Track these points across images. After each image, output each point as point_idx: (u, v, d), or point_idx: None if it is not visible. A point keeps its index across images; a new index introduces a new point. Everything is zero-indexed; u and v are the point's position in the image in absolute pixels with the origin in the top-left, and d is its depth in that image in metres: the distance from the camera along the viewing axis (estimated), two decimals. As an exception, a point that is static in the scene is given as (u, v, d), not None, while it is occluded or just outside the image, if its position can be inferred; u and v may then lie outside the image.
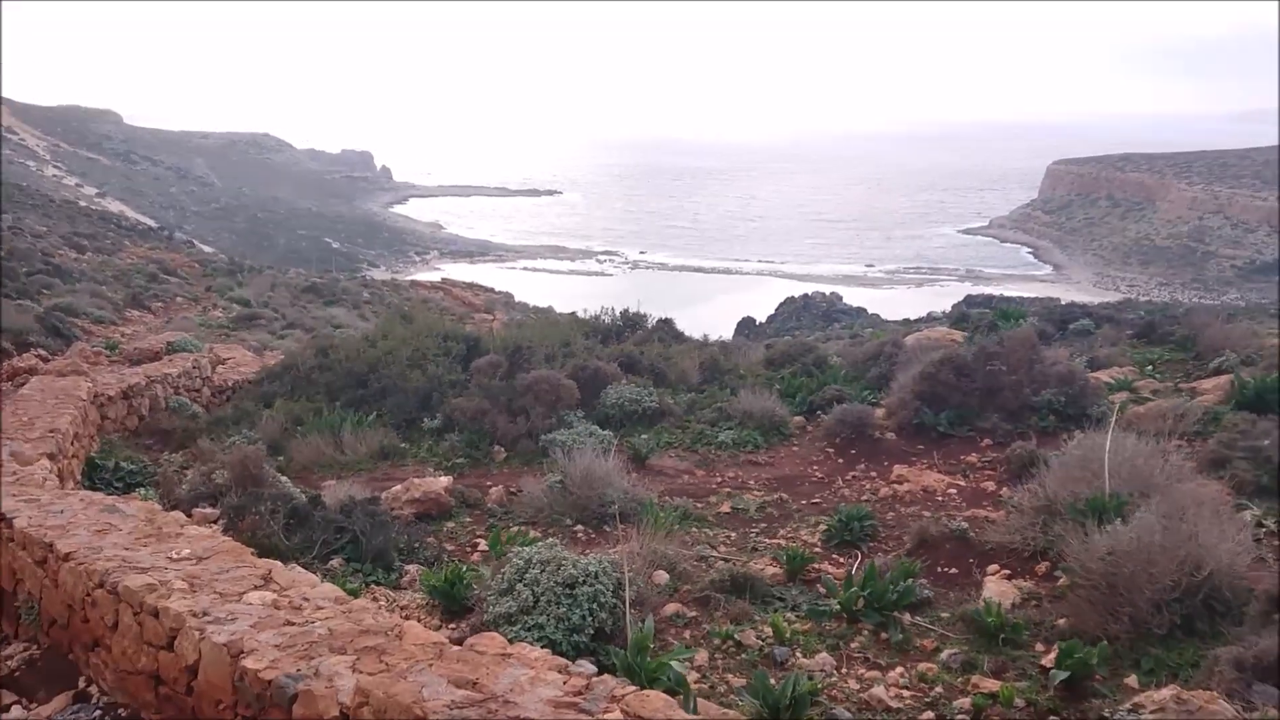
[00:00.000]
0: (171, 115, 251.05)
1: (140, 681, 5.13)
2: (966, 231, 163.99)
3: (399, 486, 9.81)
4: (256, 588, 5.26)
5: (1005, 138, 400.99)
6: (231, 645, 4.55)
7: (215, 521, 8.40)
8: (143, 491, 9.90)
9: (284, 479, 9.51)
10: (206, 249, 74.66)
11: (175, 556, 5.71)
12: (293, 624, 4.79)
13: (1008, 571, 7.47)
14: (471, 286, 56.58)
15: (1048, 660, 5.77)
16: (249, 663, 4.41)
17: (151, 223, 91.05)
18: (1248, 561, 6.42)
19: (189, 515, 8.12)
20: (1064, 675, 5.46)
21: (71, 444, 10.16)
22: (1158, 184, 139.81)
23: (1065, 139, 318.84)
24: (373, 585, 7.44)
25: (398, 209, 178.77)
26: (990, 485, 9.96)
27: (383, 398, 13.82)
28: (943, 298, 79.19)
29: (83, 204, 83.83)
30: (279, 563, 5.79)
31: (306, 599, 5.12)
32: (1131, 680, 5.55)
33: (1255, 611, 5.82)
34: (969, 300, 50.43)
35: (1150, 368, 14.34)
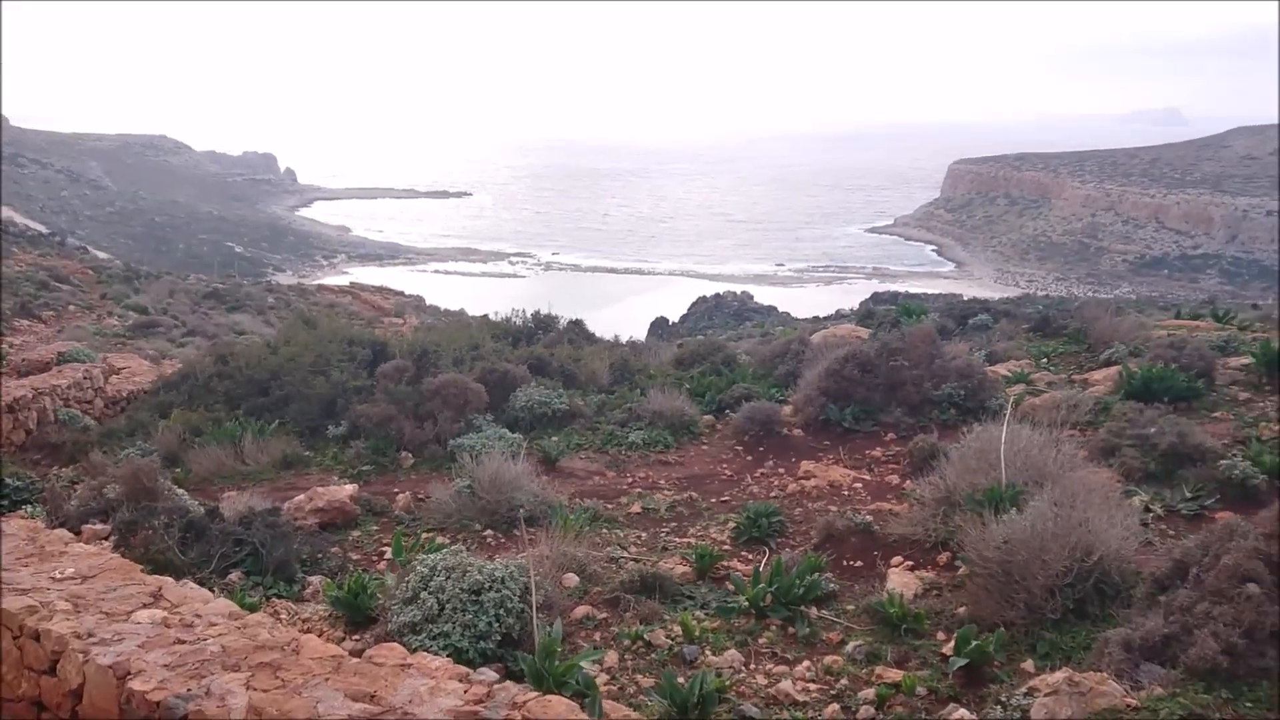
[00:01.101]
0: (62, 116, 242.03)
1: (21, 709, 4.90)
2: (872, 230, 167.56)
3: (302, 496, 9.58)
4: (145, 606, 5.08)
5: (906, 137, 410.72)
6: (117, 667, 4.38)
7: (106, 538, 8.07)
8: (29, 509, 9.48)
9: (180, 491, 9.18)
10: (101, 255, 71.89)
11: (58, 576, 5.48)
12: (184, 642, 4.63)
13: (910, 563, 7.63)
14: (381, 290, 55.58)
15: (949, 648, 5.90)
16: (136, 684, 4.25)
17: (41, 228, 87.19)
18: (1135, 546, 6.69)
19: (78, 532, 7.80)
20: (963, 662, 5.60)
21: (-50, 461, 9.68)
22: (1053, 182, 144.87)
23: (965, 139, 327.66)
24: (274, 599, 7.24)
25: (303, 212, 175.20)
26: (894, 479, 10.16)
27: (285, 405, 13.47)
28: (851, 295, 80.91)
29: (-35, 209, 80.00)
30: (170, 579, 5.60)
31: (199, 616, 4.96)
32: (1028, 664, 5.72)
33: (1142, 594, 6.04)
34: (875, 297, 51.52)
35: (1045, 360, 14.82)
